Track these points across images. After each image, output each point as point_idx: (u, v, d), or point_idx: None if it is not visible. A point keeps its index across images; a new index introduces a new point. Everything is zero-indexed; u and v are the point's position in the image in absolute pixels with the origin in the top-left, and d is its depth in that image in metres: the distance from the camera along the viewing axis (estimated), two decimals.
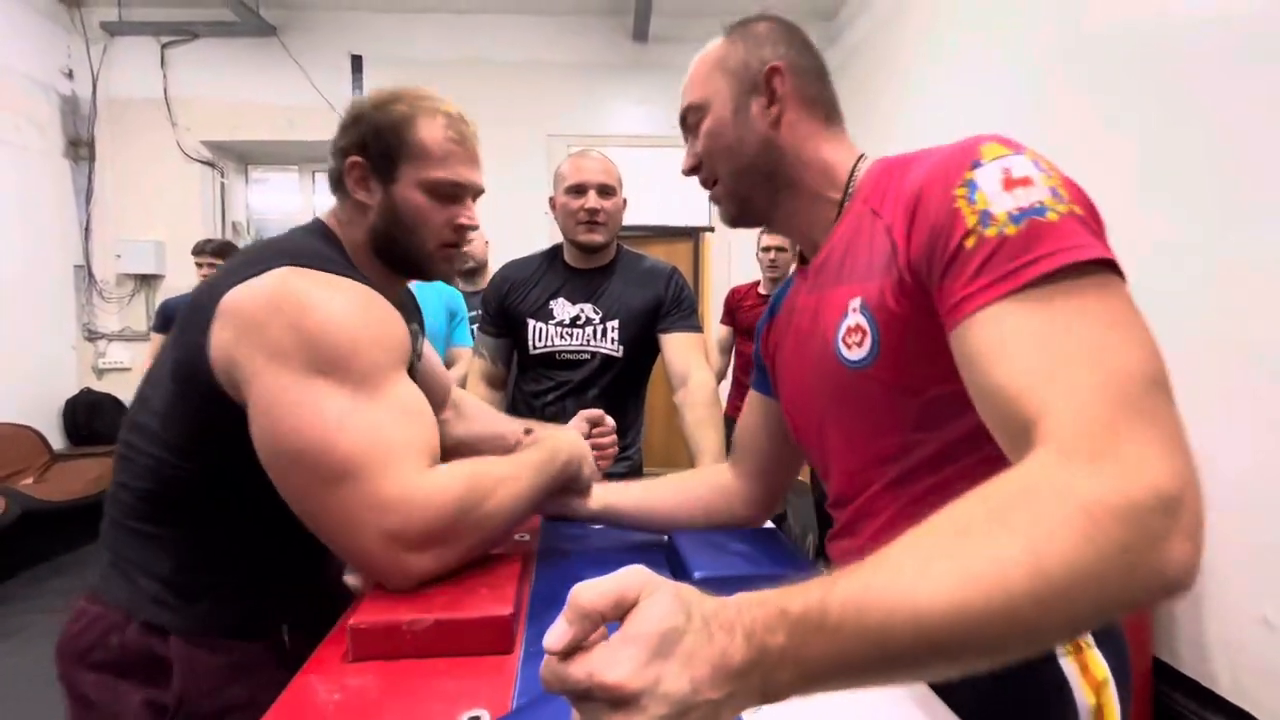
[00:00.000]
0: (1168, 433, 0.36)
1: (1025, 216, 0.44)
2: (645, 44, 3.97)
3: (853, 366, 0.59)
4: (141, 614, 0.68)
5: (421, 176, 0.74)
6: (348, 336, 0.64)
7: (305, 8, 3.86)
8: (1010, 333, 0.43)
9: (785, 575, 0.72)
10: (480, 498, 0.67)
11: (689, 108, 0.71)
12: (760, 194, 0.69)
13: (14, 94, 3.48)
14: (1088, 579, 0.32)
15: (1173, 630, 1.71)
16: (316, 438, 0.61)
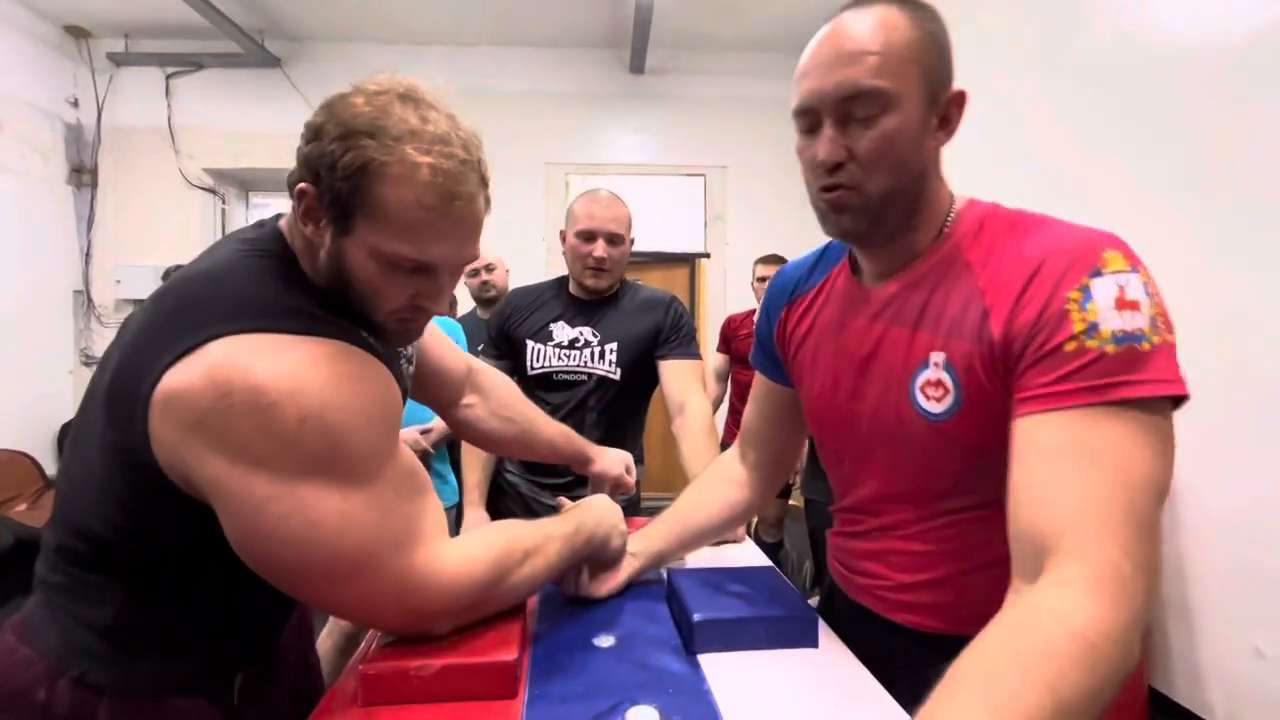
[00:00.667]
0: (1151, 554, 0.47)
1: (1127, 341, 0.50)
2: (642, 75, 4.07)
3: (928, 418, 0.61)
4: (73, 669, 0.57)
5: (377, 245, 0.56)
6: (328, 424, 0.52)
7: (310, 39, 3.94)
8: (1068, 442, 0.49)
9: (783, 617, 0.75)
10: (508, 571, 0.66)
11: (873, 91, 0.56)
12: (894, 221, 0.62)
13: (19, 122, 3.53)
14: (1095, 699, 0.41)
15: (1168, 660, 1.72)
16: (316, 548, 0.53)
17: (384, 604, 0.59)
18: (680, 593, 0.79)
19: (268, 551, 0.55)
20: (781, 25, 3.77)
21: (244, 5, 3.53)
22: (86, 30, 3.79)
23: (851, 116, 0.58)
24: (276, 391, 0.50)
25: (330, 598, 0.59)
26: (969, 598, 0.64)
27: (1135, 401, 0.49)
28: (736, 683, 0.67)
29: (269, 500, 0.52)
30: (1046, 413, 0.51)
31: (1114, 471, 0.48)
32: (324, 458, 0.53)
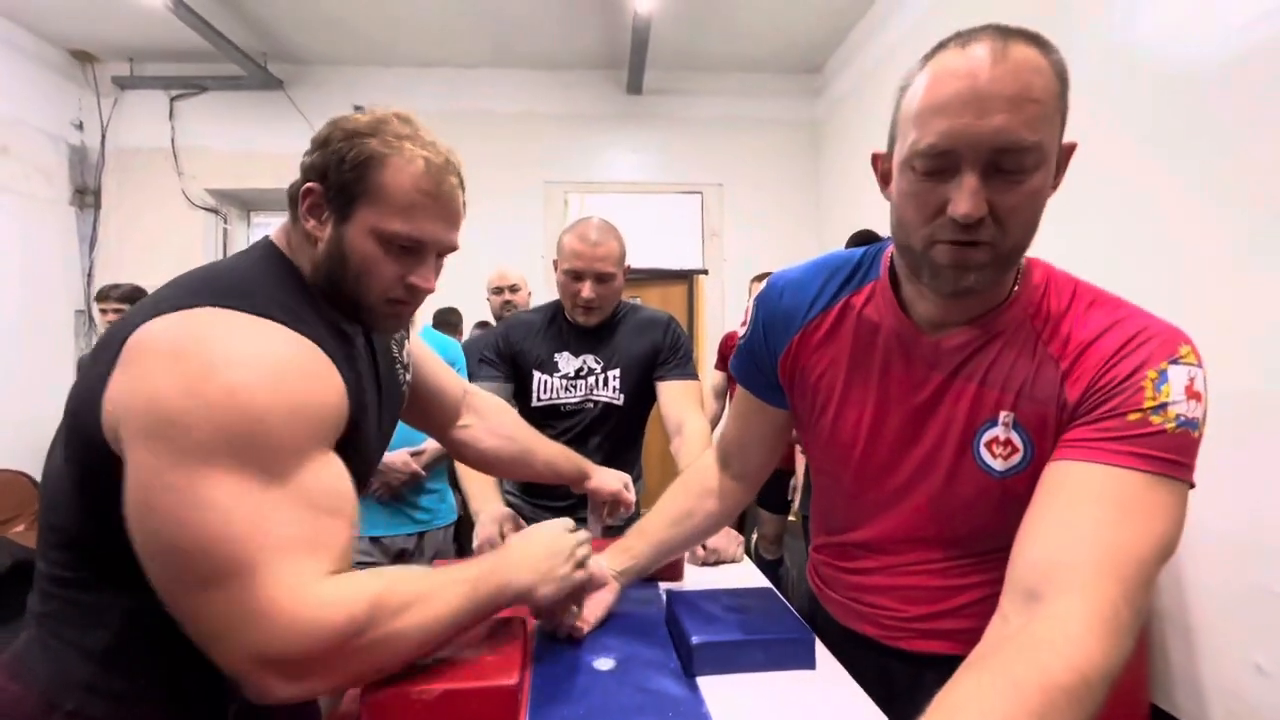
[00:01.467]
0: (1145, 606, 0.51)
1: (1185, 426, 0.55)
2: (639, 96, 4.12)
3: (993, 475, 0.64)
4: (68, 703, 0.57)
5: (376, 224, 0.64)
6: (256, 408, 0.52)
7: (312, 62, 4.00)
8: (1108, 494, 0.53)
9: (782, 639, 0.76)
10: (375, 622, 0.55)
11: (1030, 146, 0.52)
12: (1005, 277, 0.62)
13: (24, 144, 3.57)
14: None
15: (1169, 677, 1.72)
16: (194, 531, 0.50)
17: (229, 631, 0.51)
18: (679, 616, 0.80)
19: (149, 523, 0.51)
20: (777, 45, 3.84)
21: (247, 29, 3.59)
22: (91, 55, 3.84)
23: (999, 168, 0.53)
24: (222, 359, 0.52)
25: (188, 611, 0.52)
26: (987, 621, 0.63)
27: (1173, 479, 0.54)
28: (735, 705, 0.68)
29: (169, 469, 0.50)
30: (1093, 463, 0.55)
31: (1140, 530, 0.51)
32: (237, 436, 0.51)
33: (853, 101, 3.73)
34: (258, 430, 0.52)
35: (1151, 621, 1.75)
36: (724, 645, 0.74)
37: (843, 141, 3.84)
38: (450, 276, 3.35)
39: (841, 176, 3.86)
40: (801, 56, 3.96)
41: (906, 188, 0.58)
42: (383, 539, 1.77)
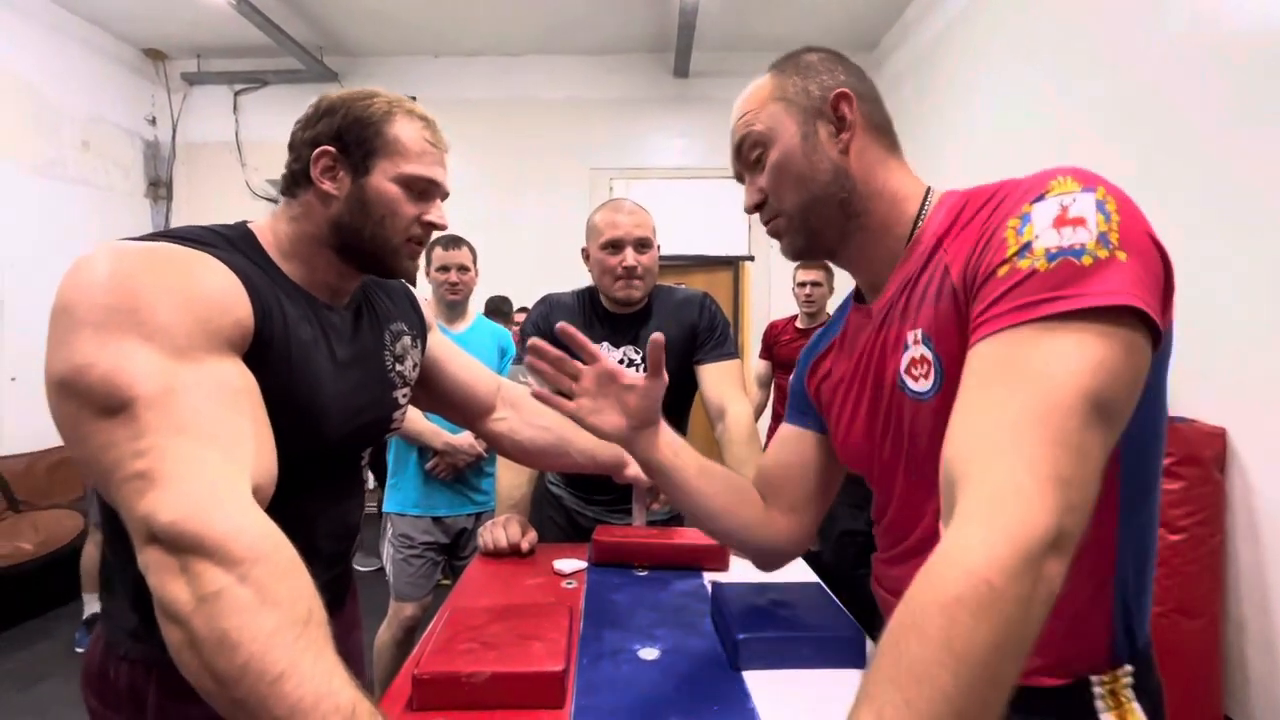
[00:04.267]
0: (1070, 467, 0.41)
1: (1061, 256, 0.45)
2: (686, 79, 4.06)
3: (916, 397, 0.58)
4: (120, 647, 0.66)
5: (398, 170, 0.72)
6: (139, 290, 0.52)
7: (365, 55, 4.09)
8: (992, 366, 0.46)
9: (829, 637, 0.74)
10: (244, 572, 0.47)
11: (749, 140, 0.66)
12: (831, 226, 0.64)
13: (103, 140, 3.79)
14: (997, 647, 0.37)
15: (1245, 689, 1.61)
16: (79, 364, 0.50)
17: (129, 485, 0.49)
18: (725, 609, 0.79)
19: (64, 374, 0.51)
20: (828, 23, 3.71)
21: (305, 23, 3.69)
22: (163, 52, 4.03)
23: (750, 165, 0.67)
24: (114, 256, 0.54)
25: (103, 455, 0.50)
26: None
27: (1068, 316, 0.44)
28: (782, 702, 0.67)
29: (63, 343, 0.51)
30: (979, 342, 0.48)
31: (1033, 389, 0.43)
32: (120, 313, 0.51)
33: (908, 80, 3.59)
34: (141, 310, 0.52)
35: (1229, 631, 1.64)
36: (770, 641, 0.73)
37: (900, 120, 3.63)
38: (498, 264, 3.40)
39: None
40: (854, 34, 3.82)
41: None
42: (445, 519, 1.86)
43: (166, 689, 0.64)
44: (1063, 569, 0.40)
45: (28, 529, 2.89)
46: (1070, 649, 0.53)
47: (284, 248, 0.72)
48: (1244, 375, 1.61)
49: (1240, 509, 1.63)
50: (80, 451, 0.51)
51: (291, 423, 0.65)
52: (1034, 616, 0.38)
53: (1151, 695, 0.55)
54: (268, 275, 0.68)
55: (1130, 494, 0.53)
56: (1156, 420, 0.55)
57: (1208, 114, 1.72)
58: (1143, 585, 0.56)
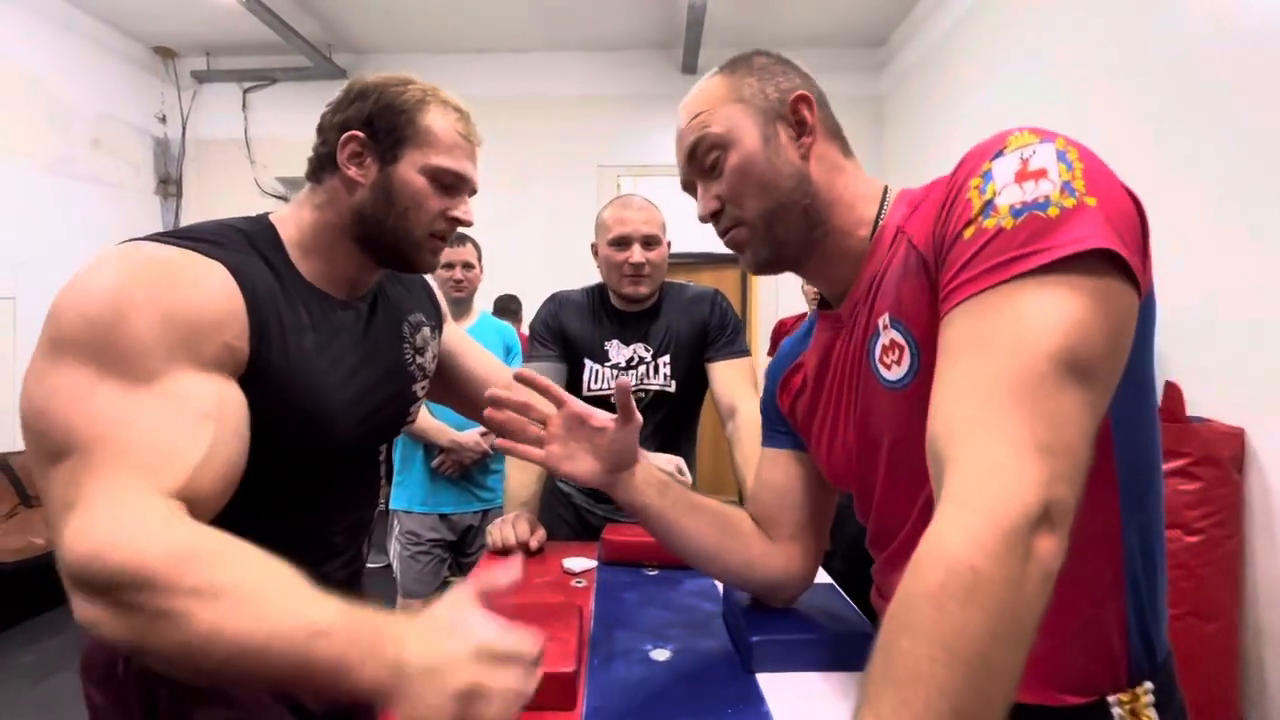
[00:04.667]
0: (1050, 431, 0.39)
1: (1026, 210, 0.43)
2: (694, 75, 4.04)
3: (891, 387, 0.55)
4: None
5: (426, 162, 0.70)
6: (122, 305, 0.52)
7: (373, 52, 4.10)
8: (963, 336, 0.44)
9: (843, 639, 0.73)
10: (172, 586, 0.44)
11: (705, 143, 0.61)
12: (795, 235, 0.61)
13: (114, 138, 3.81)
14: (990, 635, 0.34)
15: (1263, 694, 1.59)
16: (49, 420, 0.50)
17: (53, 513, 0.49)
18: (737, 610, 0.78)
19: (21, 408, 0.52)
20: (837, 19, 3.68)
21: (313, 20, 3.70)
22: (173, 50, 4.05)
23: (703, 169, 0.63)
24: (89, 271, 0.54)
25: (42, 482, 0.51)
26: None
27: (1037, 272, 0.41)
28: (796, 705, 0.66)
29: (42, 352, 0.52)
30: (950, 311, 0.45)
31: (1004, 356, 0.40)
32: (99, 330, 0.51)
33: (919, 75, 3.55)
34: (120, 327, 0.52)
35: (1246, 635, 1.62)
36: (784, 643, 0.72)
37: (908, 117, 3.67)
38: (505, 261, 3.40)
39: (906, 153, 3.70)
40: (863, 30, 3.79)
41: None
42: (451, 516, 1.86)
43: (180, 690, 0.62)
44: (1058, 543, 0.37)
45: (39, 524, 2.91)
46: (1085, 661, 0.51)
47: (304, 242, 0.70)
48: (1263, 374, 1.59)
49: (1259, 511, 1.60)
50: (39, 482, 0.52)
51: (299, 432, 0.65)
52: (1029, 598, 0.36)
53: (1175, 711, 0.53)
54: (280, 280, 0.66)
55: (1131, 484, 0.50)
56: (1146, 406, 0.51)
57: (1223, 109, 1.69)
58: (1155, 586, 0.53)
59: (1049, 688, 0.51)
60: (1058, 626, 0.47)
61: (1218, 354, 1.68)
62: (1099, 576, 0.50)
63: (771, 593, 0.77)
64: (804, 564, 0.76)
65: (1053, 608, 0.38)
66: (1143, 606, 0.52)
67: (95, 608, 0.45)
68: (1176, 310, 1.77)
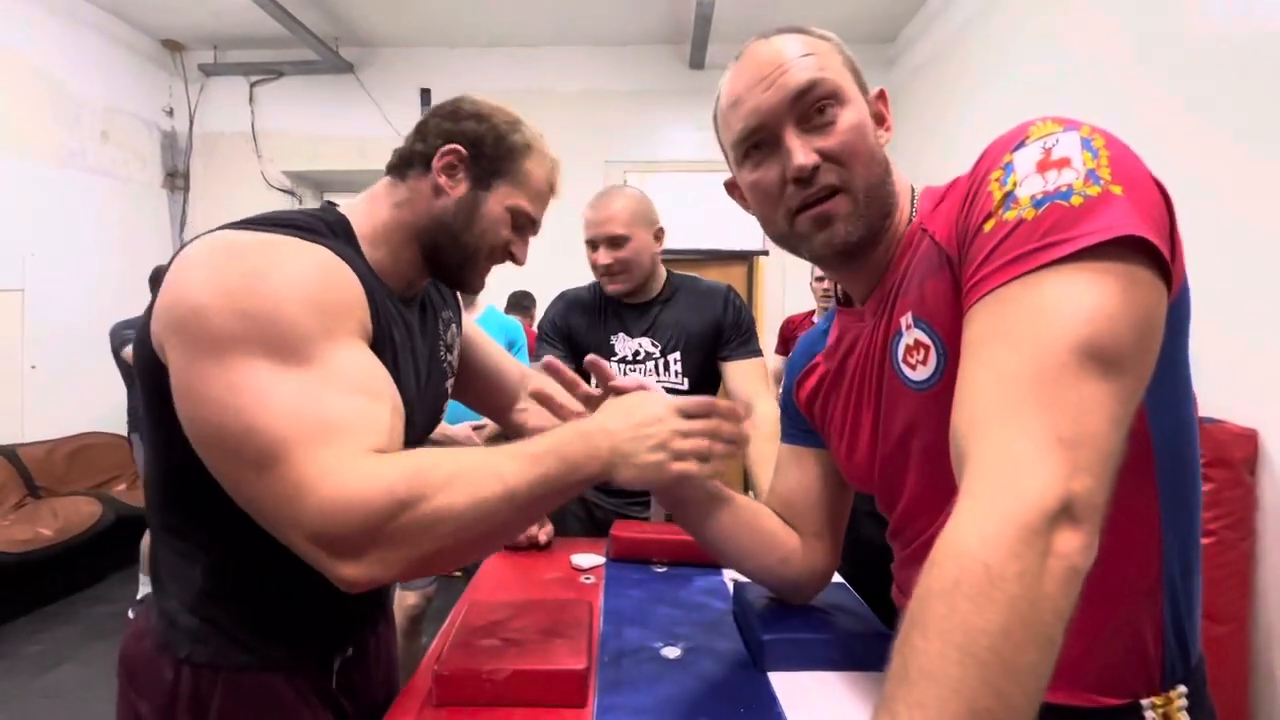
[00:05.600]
0: (1069, 422, 0.37)
1: (1048, 201, 0.42)
2: (702, 71, 4.02)
3: (917, 388, 0.54)
4: (181, 650, 0.62)
5: (514, 201, 0.74)
6: (271, 297, 0.53)
7: (380, 46, 4.09)
8: (985, 330, 0.43)
9: (855, 638, 0.72)
10: (423, 493, 0.52)
11: (823, 88, 0.55)
12: (880, 219, 0.58)
13: (122, 130, 3.81)
14: (1002, 631, 0.33)
15: (1273, 696, 1.58)
16: (233, 417, 0.51)
17: (286, 510, 0.51)
18: (749, 609, 0.77)
19: (195, 413, 0.53)
20: (847, 14, 3.66)
21: (320, 13, 3.69)
22: (180, 43, 4.05)
23: (807, 118, 0.55)
24: (242, 252, 0.55)
25: (249, 491, 0.53)
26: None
27: (1059, 263, 0.40)
28: (809, 704, 0.65)
29: (202, 356, 0.52)
30: (972, 307, 0.44)
31: (1025, 349, 0.39)
32: (259, 320, 0.53)
33: (930, 71, 3.53)
34: (278, 315, 0.53)
35: (1257, 638, 1.61)
36: (796, 642, 0.71)
37: (918, 114, 3.64)
38: None
39: (916, 151, 3.67)
40: (873, 25, 3.76)
41: (749, 181, 0.60)
42: None
43: (234, 695, 0.62)
44: (1084, 538, 0.35)
45: (47, 515, 2.93)
46: (1119, 662, 0.50)
47: (375, 237, 0.71)
48: (1277, 375, 1.57)
49: (1271, 512, 1.59)
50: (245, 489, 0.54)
51: None
52: (1049, 595, 0.34)
53: (1207, 717, 0.52)
54: (370, 273, 0.67)
55: (1170, 485, 0.49)
56: (1184, 403, 0.50)
57: (1239, 107, 1.66)
58: (1191, 588, 0.52)
59: (1081, 688, 0.50)
60: (1092, 626, 0.46)
61: (1231, 355, 1.66)
62: (1137, 577, 0.49)
63: (795, 590, 0.77)
64: (827, 562, 0.76)
65: (1088, 607, 0.36)
66: (1179, 609, 0.51)
67: (365, 561, 0.51)
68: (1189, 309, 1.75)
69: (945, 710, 0.32)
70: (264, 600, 0.64)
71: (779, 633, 0.71)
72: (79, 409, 3.48)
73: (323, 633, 0.68)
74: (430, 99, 4.03)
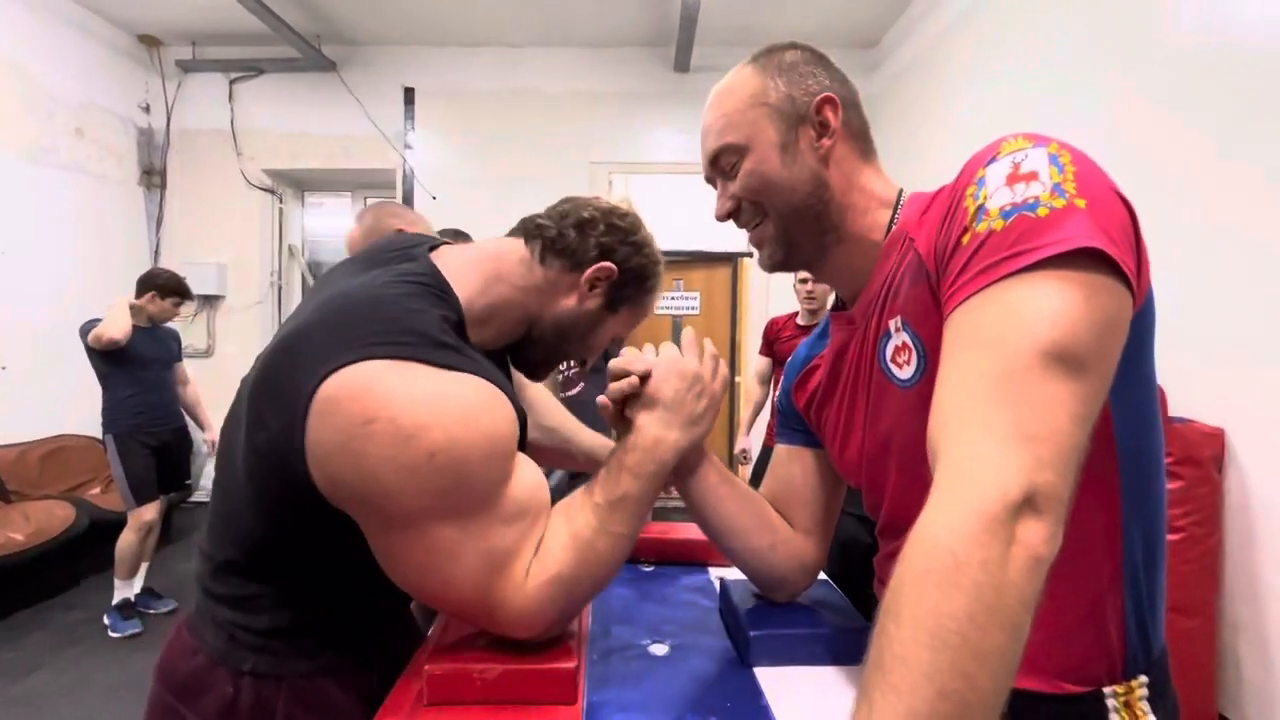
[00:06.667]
0: (1033, 419, 0.39)
1: (1016, 212, 0.44)
2: (686, 74, 4.04)
3: (903, 385, 0.57)
4: (244, 664, 0.65)
5: (624, 326, 0.80)
6: (454, 460, 0.56)
7: (363, 43, 4.05)
8: (957, 338, 0.45)
9: (840, 633, 0.74)
10: (579, 574, 0.64)
11: (724, 149, 0.64)
12: (808, 238, 0.64)
13: (97, 127, 3.74)
14: (970, 619, 0.34)
15: (1240, 687, 1.63)
16: (433, 574, 0.60)
17: (493, 625, 0.64)
18: (735, 605, 0.78)
19: (396, 571, 0.61)
20: (830, 19, 3.70)
21: (302, 10, 3.65)
22: (157, 39, 3.98)
23: (725, 172, 0.66)
24: (413, 424, 0.54)
25: (469, 622, 0.66)
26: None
27: (1025, 270, 0.43)
28: (794, 698, 0.66)
29: (393, 525, 0.58)
30: (949, 315, 0.47)
31: (992, 352, 0.42)
32: (445, 491, 0.57)
33: (912, 76, 3.58)
34: (460, 481, 0.57)
35: (1224, 631, 1.66)
36: (782, 638, 0.72)
37: (900, 118, 3.69)
38: None
39: (898, 155, 3.72)
40: (855, 31, 3.81)
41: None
42: None
43: (298, 701, 0.66)
44: (1046, 528, 0.37)
45: (19, 519, 2.86)
46: (1083, 651, 0.52)
47: (486, 315, 0.70)
48: (1244, 376, 1.63)
49: (1237, 509, 1.64)
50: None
51: None
52: (1013, 582, 0.36)
53: (1169, 707, 0.55)
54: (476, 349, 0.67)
55: (1133, 480, 0.52)
56: (1148, 403, 0.53)
57: (1213, 113, 1.72)
58: (1154, 583, 0.55)
59: (1047, 674, 0.52)
60: (1058, 615, 0.49)
61: (1200, 355, 1.72)
62: (1100, 569, 0.52)
63: (781, 583, 0.78)
64: (816, 558, 0.78)
65: (1053, 598, 0.38)
66: (1141, 601, 0.53)
67: (561, 626, 0.66)
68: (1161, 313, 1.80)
69: (916, 694, 0.34)
70: (330, 615, 0.69)
71: (765, 628, 0.73)
72: (52, 411, 3.40)
73: (373, 640, 0.73)
74: (414, 98, 4.01)
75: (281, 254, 4.34)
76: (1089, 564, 0.51)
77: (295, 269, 4.48)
